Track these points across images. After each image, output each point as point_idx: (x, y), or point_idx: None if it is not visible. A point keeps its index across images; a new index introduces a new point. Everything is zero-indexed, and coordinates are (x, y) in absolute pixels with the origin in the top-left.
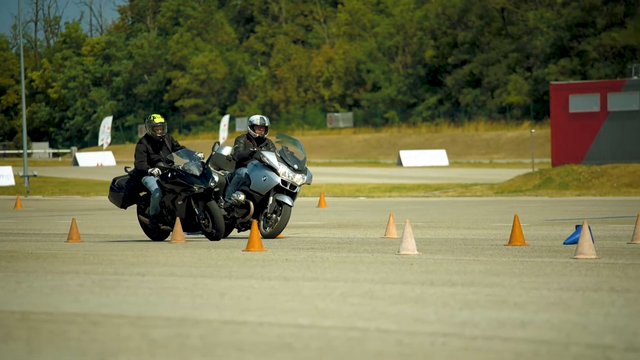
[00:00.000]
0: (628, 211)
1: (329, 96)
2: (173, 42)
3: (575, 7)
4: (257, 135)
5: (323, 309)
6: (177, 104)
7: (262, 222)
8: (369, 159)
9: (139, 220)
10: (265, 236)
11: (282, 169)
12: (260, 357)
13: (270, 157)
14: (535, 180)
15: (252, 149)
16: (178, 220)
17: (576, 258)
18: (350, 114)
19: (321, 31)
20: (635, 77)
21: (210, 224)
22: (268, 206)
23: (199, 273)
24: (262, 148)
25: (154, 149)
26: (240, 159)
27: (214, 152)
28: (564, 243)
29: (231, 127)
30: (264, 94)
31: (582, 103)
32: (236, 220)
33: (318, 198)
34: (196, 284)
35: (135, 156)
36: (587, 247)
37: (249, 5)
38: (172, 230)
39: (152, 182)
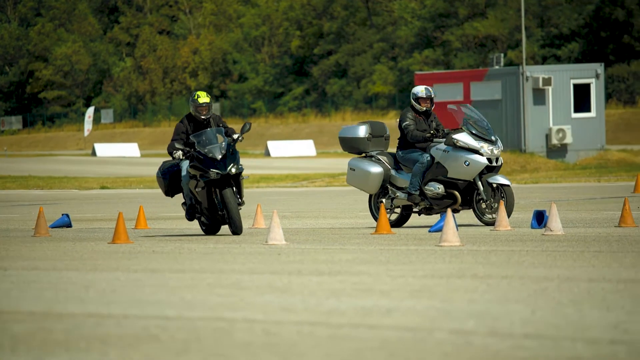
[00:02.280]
0: None
1: (195, 87)
2: (35, 32)
3: None
4: (424, 108)
5: (190, 300)
6: (40, 95)
7: (477, 210)
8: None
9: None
10: (489, 223)
11: (483, 146)
12: (124, 349)
13: (466, 139)
14: None
15: (429, 134)
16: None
17: (441, 245)
18: (217, 105)
19: (187, 22)
20: (497, 67)
21: (225, 215)
22: (481, 192)
23: (63, 266)
24: (433, 125)
25: (196, 131)
26: (413, 140)
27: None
28: (429, 231)
29: (97, 119)
30: (129, 85)
31: (446, 92)
32: (430, 211)
33: None
34: (60, 278)
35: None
36: (451, 235)
37: None
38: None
39: (183, 167)
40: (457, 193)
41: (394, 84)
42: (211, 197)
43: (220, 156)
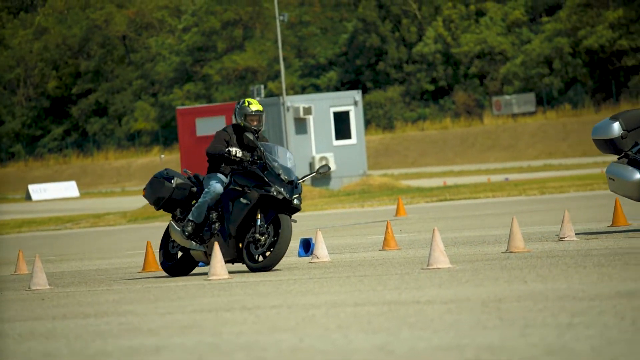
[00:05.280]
0: None
1: None
2: None
3: (196, 32)
4: None
5: None
6: None
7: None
8: None
9: (162, 240)
10: None
11: None
12: None
13: None
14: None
15: None
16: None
17: (209, 280)
18: None
19: None
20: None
21: (265, 244)
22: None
23: None
24: None
25: (239, 144)
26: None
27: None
28: (198, 266)
29: None
30: None
31: (208, 126)
32: None
33: None
34: None
35: (210, 143)
36: (219, 268)
37: None
38: (203, 255)
39: (215, 177)
40: None
41: (156, 120)
42: (250, 217)
43: (292, 179)
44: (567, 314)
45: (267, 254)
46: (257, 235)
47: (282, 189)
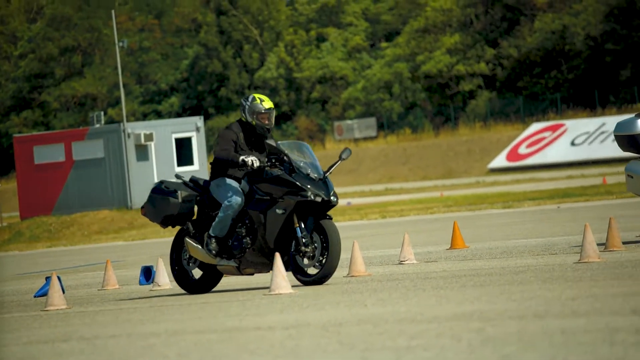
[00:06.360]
0: (99, 258)
1: None
2: None
3: (33, 58)
4: None
5: None
6: None
7: None
8: None
9: (173, 256)
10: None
11: None
12: None
13: None
14: (4, 236)
15: None
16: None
17: (47, 310)
18: None
19: None
20: (98, 125)
21: (317, 252)
22: None
23: None
24: None
25: (247, 143)
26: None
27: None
28: (34, 296)
29: None
30: None
31: (47, 154)
32: None
33: None
34: None
35: (216, 144)
36: (57, 298)
37: None
38: (234, 269)
39: (229, 187)
40: None
41: None
42: (287, 227)
43: (322, 176)
44: (405, 337)
45: (316, 264)
46: (302, 247)
47: (318, 191)
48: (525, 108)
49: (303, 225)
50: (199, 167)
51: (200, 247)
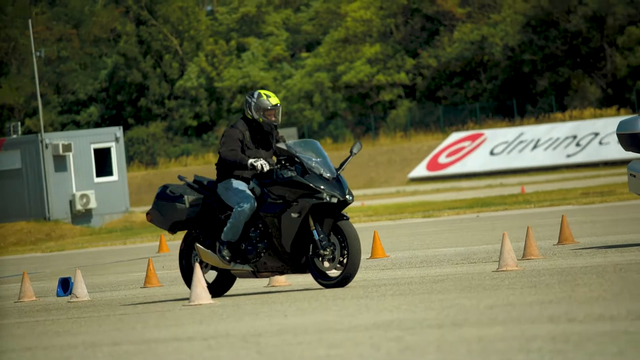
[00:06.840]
0: (15, 270)
1: None
2: None
3: None
4: None
5: None
6: None
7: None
8: None
9: (182, 260)
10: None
11: None
12: None
13: None
14: None
15: None
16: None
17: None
18: None
19: None
20: (15, 136)
21: (336, 254)
22: None
23: None
24: None
25: (253, 141)
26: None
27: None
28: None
29: None
30: None
31: None
32: None
33: None
34: None
35: (222, 144)
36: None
37: None
38: (250, 274)
39: (239, 191)
40: None
41: None
42: (300, 231)
43: (335, 175)
44: (324, 346)
45: (338, 265)
46: (321, 250)
47: (333, 191)
48: (445, 118)
49: (319, 227)
50: (118, 177)
51: (211, 252)
